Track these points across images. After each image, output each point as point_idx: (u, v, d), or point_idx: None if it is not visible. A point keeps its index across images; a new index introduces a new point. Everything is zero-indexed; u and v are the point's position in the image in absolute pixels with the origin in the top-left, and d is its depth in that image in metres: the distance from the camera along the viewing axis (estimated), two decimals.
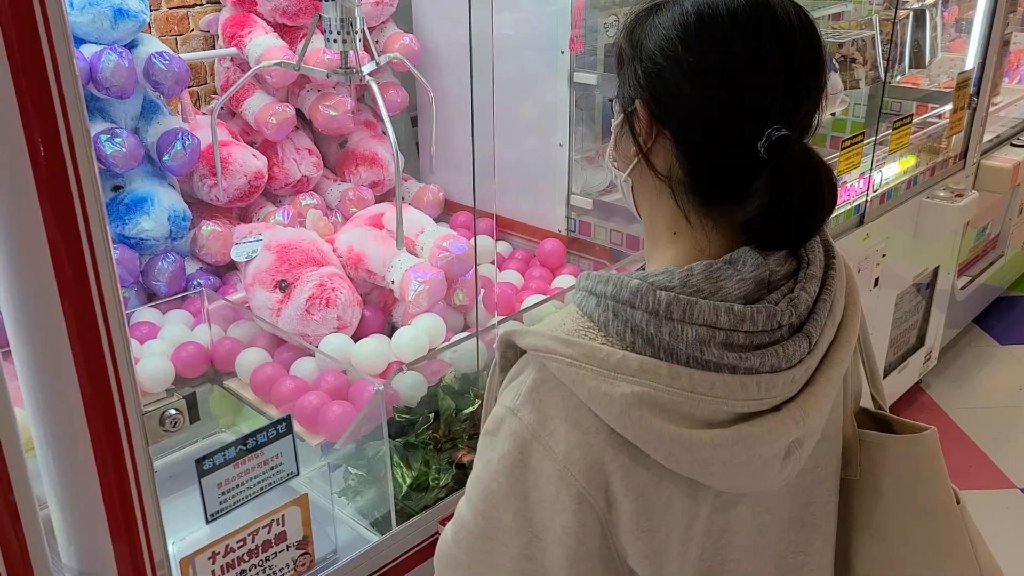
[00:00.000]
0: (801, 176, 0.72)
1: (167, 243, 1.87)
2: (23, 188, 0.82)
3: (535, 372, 0.77)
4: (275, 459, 1.12)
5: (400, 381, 1.42)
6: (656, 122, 0.77)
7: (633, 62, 0.78)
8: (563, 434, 0.74)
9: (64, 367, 0.88)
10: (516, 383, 0.78)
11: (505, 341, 0.81)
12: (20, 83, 0.79)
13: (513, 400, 0.77)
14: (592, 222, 2.15)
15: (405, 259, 1.83)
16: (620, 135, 0.82)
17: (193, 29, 2.20)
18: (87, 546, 0.97)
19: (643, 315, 0.72)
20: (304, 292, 1.70)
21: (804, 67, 0.75)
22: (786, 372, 0.74)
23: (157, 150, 1.86)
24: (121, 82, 1.72)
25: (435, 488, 1.43)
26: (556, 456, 0.74)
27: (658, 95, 0.76)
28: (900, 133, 2.56)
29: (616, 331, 0.74)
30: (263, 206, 2.16)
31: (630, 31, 0.80)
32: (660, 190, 0.79)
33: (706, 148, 0.76)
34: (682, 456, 0.72)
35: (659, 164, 0.78)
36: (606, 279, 0.76)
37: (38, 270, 0.85)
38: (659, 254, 0.81)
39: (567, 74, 2.04)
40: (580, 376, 0.72)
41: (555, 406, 0.75)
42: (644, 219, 0.85)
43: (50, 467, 0.94)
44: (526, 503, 0.75)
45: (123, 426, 0.93)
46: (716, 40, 0.74)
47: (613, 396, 0.71)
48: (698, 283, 0.73)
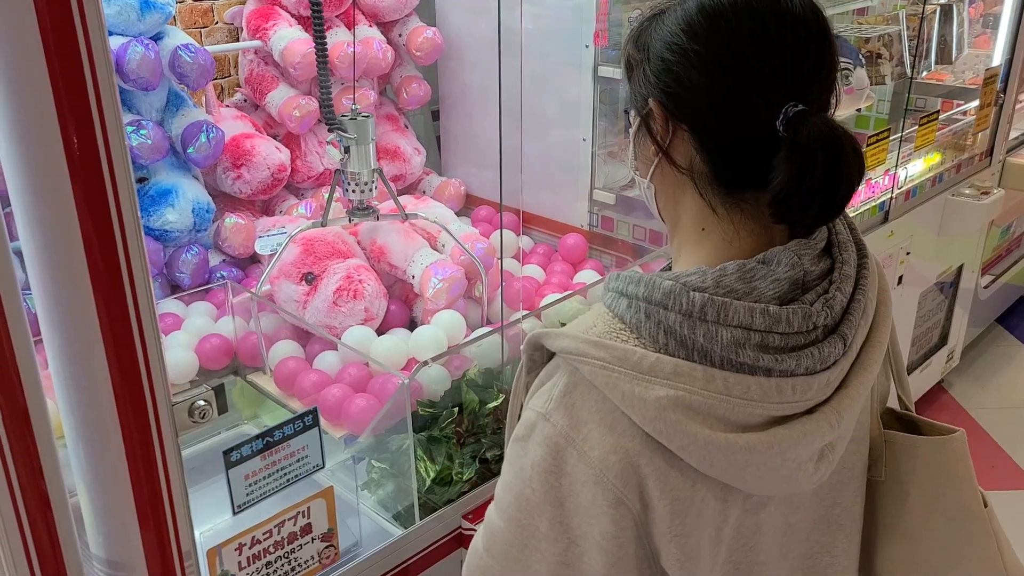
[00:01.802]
0: (822, 145, 0.70)
1: (191, 235, 1.88)
2: (57, 179, 0.82)
3: (567, 376, 0.76)
4: (301, 451, 1.12)
5: (424, 375, 1.42)
6: (671, 117, 0.76)
7: (642, 64, 0.78)
8: (597, 438, 0.73)
9: (95, 357, 0.89)
10: (547, 387, 0.77)
11: (533, 343, 0.80)
12: (55, 74, 0.79)
13: (545, 405, 0.76)
14: (615, 217, 2.14)
15: (427, 255, 1.82)
16: (639, 139, 0.81)
17: (217, 21, 2.21)
18: (115, 536, 0.97)
19: (676, 317, 0.72)
20: (331, 284, 1.70)
21: (811, 44, 0.75)
22: (821, 374, 0.73)
23: (182, 142, 1.87)
24: (147, 74, 1.73)
25: (458, 482, 1.43)
26: (591, 461, 0.73)
27: (670, 90, 0.75)
28: (926, 130, 2.53)
29: (649, 333, 0.73)
30: (285, 199, 2.16)
31: (636, 38, 0.80)
32: (683, 186, 0.79)
33: (724, 134, 0.75)
34: (716, 460, 0.71)
35: (679, 159, 0.78)
36: (637, 280, 0.75)
37: (71, 261, 0.85)
38: (688, 253, 0.80)
39: (591, 68, 2.03)
40: (613, 380, 0.72)
41: (588, 410, 0.74)
42: (669, 220, 0.84)
43: (80, 456, 0.94)
44: (562, 509, 0.75)
45: (153, 416, 0.93)
46: (720, 27, 0.73)
47: (647, 400, 0.70)
48: (731, 283, 0.72)
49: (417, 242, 1.86)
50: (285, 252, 1.78)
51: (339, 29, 2.14)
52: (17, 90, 0.79)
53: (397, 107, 2.38)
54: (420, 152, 2.35)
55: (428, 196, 2.39)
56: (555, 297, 1.79)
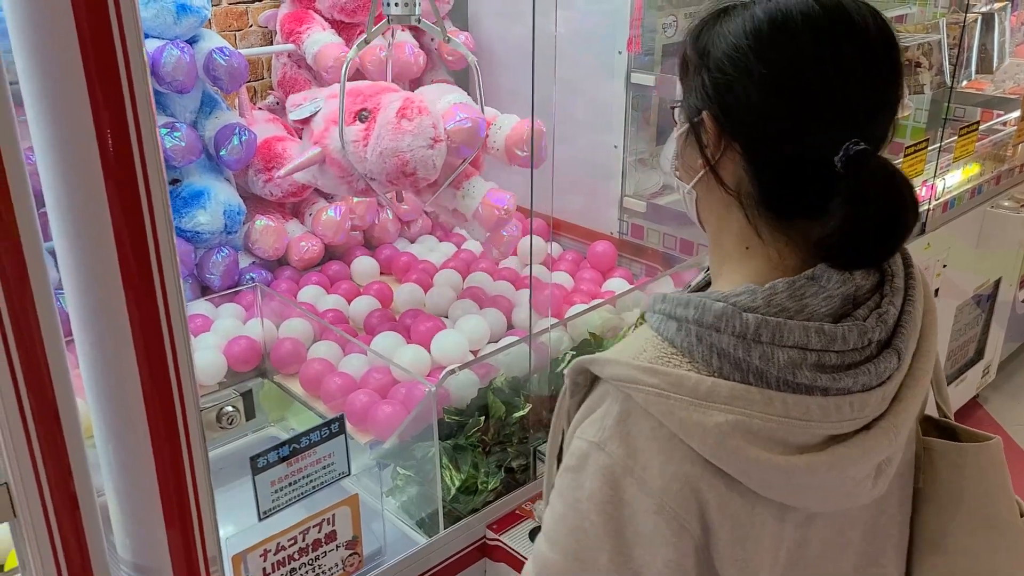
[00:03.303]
0: (883, 195, 0.69)
1: (222, 237, 1.88)
2: (91, 180, 0.82)
3: (619, 404, 0.74)
4: (327, 458, 1.12)
5: (451, 382, 1.41)
6: (725, 134, 0.74)
7: (700, 71, 0.75)
8: (657, 467, 0.71)
9: (126, 359, 0.89)
10: (598, 415, 0.75)
11: (578, 368, 0.78)
12: (91, 76, 0.79)
13: (598, 434, 0.74)
14: (645, 225, 2.12)
15: (456, 97, 1.77)
16: (685, 145, 0.79)
17: (252, 25, 2.22)
18: (142, 539, 0.97)
19: (730, 339, 0.70)
20: (391, 108, 1.60)
21: (882, 76, 0.72)
22: (877, 390, 0.72)
23: (215, 145, 1.88)
24: (182, 77, 1.74)
25: (483, 491, 1.42)
26: (651, 490, 0.71)
27: (727, 107, 0.73)
28: (966, 140, 2.48)
29: (701, 356, 0.72)
30: (315, 201, 2.17)
31: (695, 37, 0.77)
32: (729, 204, 0.77)
33: (778, 162, 0.73)
34: (777, 483, 0.70)
35: (727, 177, 0.76)
36: (686, 302, 0.73)
37: (103, 261, 0.85)
38: (731, 271, 0.79)
39: (624, 74, 2.01)
40: (670, 407, 0.70)
41: (644, 438, 0.72)
42: (711, 233, 0.82)
43: (108, 457, 0.94)
44: (622, 540, 0.73)
45: (181, 420, 0.93)
46: (790, 48, 0.70)
47: (707, 426, 0.69)
48: (782, 302, 0.71)
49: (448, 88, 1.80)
50: (327, 107, 1.66)
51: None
52: (54, 92, 0.80)
53: None
54: None
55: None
56: (583, 307, 1.77)
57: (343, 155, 1.63)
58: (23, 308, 0.81)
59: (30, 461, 0.84)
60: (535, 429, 1.49)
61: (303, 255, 2.04)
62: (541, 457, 1.49)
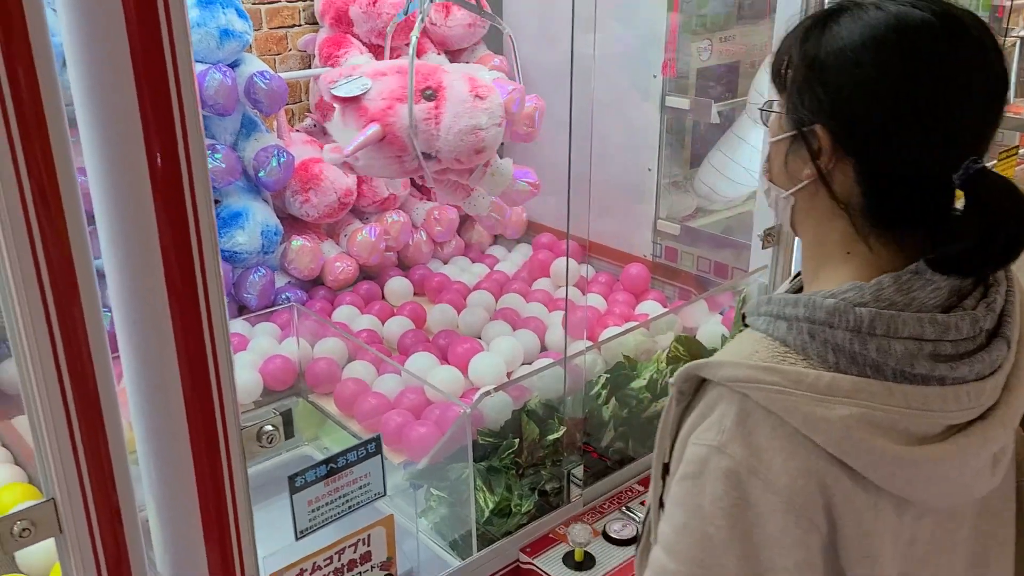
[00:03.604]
0: (1008, 210, 0.69)
1: (259, 257, 1.91)
2: (140, 198, 0.84)
3: (736, 405, 0.73)
4: (364, 478, 1.12)
5: (485, 404, 1.41)
6: (838, 148, 0.74)
7: (812, 83, 0.74)
8: (781, 464, 0.71)
9: (170, 376, 0.90)
10: (714, 419, 0.75)
11: (686, 375, 0.78)
12: (144, 99, 0.81)
13: (716, 437, 0.73)
14: (679, 248, 2.12)
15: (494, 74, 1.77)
16: (790, 153, 0.79)
17: (291, 49, 2.26)
18: (182, 555, 0.98)
19: (844, 334, 0.71)
20: (461, 86, 1.59)
21: (998, 89, 0.72)
22: (990, 379, 0.72)
23: (254, 166, 1.91)
24: (224, 100, 1.77)
25: (516, 514, 1.41)
26: (779, 489, 0.71)
27: (846, 121, 0.73)
28: (1005, 165, 2.45)
29: (816, 353, 0.72)
30: (350, 222, 2.19)
31: (802, 42, 0.76)
32: (834, 213, 0.77)
33: (894, 178, 0.73)
34: (900, 475, 0.70)
35: (836, 188, 0.76)
36: (794, 301, 0.74)
37: (150, 279, 0.87)
38: (831, 273, 0.79)
39: (659, 98, 2.02)
40: (792, 403, 0.70)
41: (766, 437, 0.72)
42: (808, 238, 0.82)
43: (151, 474, 0.95)
44: (750, 543, 0.72)
45: (222, 438, 0.94)
46: (917, 62, 0.70)
47: (831, 420, 0.69)
48: (891, 296, 0.71)
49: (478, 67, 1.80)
50: (381, 84, 1.61)
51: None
52: (107, 114, 0.81)
53: None
54: None
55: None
56: (616, 330, 1.77)
57: (408, 133, 1.59)
58: (73, 324, 0.82)
59: (76, 477, 0.85)
60: (568, 452, 1.48)
61: (338, 275, 2.06)
62: (575, 480, 1.48)
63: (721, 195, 2.19)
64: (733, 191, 2.17)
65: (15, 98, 0.74)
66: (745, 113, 2.10)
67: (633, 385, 1.61)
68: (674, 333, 1.75)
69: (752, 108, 2.04)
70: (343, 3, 2.11)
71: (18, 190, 0.75)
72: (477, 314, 1.97)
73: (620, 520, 1.47)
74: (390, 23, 2.01)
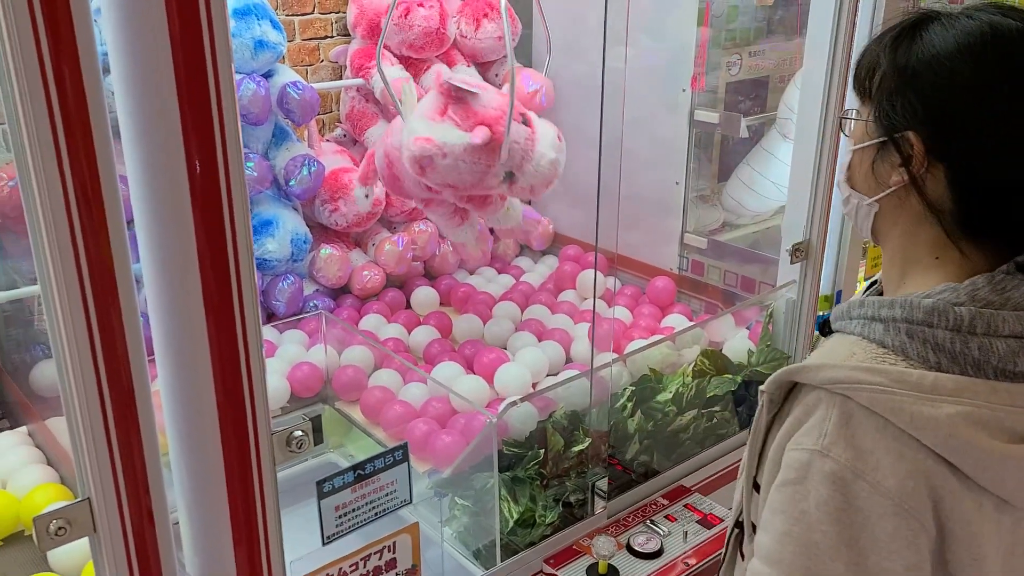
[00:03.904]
0: None
1: (288, 264, 1.93)
2: (178, 205, 0.86)
3: (837, 407, 0.73)
4: (390, 486, 1.13)
5: (511, 414, 1.42)
6: (930, 154, 0.75)
7: (904, 90, 0.75)
8: (889, 466, 0.71)
9: (203, 380, 0.91)
10: (813, 423, 0.74)
11: (778, 381, 0.78)
12: (185, 107, 0.82)
13: (818, 441, 0.73)
14: (705, 262, 2.11)
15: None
16: (877, 159, 0.79)
17: (323, 60, 2.29)
18: (211, 557, 0.99)
19: (945, 333, 0.71)
20: (545, 124, 1.70)
21: None
22: None
23: (284, 175, 1.93)
24: (257, 109, 1.80)
25: (540, 525, 1.41)
26: (887, 490, 0.70)
27: (940, 128, 0.74)
28: None
29: (916, 353, 0.73)
30: (379, 232, 2.21)
31: (892, 51, 0.76)
32: (921, 218, 0.78)
33: (988, 183, 0.74)
34: (1007, 474, 0.70)
35: (928, 194, 0.76)
36: (890, 303, 0.75)
37: (187, 283, 0.88)
38: (918, 277, 0.79)
39: (687, 112, 2.02)
40: (898, 403, 0.70)
41: (871, 438, 0.71)
42: (893, 243, 0.82)
43: (182, 476, 0.96)
44: (857, 548, 0.71)
45: (253, 443, 0.95)
46: (1012, 70, 0.71)
47: (938, 419, 0.69)
48: (986, 296, 0.72)
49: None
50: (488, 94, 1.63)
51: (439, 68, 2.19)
52: (149, 122, 0.83)
53: None
54: None
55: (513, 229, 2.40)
56: (642, 343, 1.77)
57: (506, 148, 1.63)
58: (111, 327, 0.84)
59: (112, 478, 0.87)
60: (593, 464, 1.48)
61: (365, 284, 2.08)
62: (599, 492, 1.48)
63: (749, 209, 2.18)
64: (761, 205, 2.16)
65: (62, 105, 0.75)
66: (774, 128, 2.09)
67: (659, 398, 1.61)
68: (700, 347, 1.75)
69: (782, 123, 2.04)
70: (375, 15, 2.14)
71: (63, 194, 0.77)
72: (503, 325, 1.97)
73: (644, 533, 1.46)
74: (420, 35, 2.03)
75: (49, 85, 0.74)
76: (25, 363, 1.67)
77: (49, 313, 0.81)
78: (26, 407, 1.66)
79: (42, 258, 0.79)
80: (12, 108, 0.74)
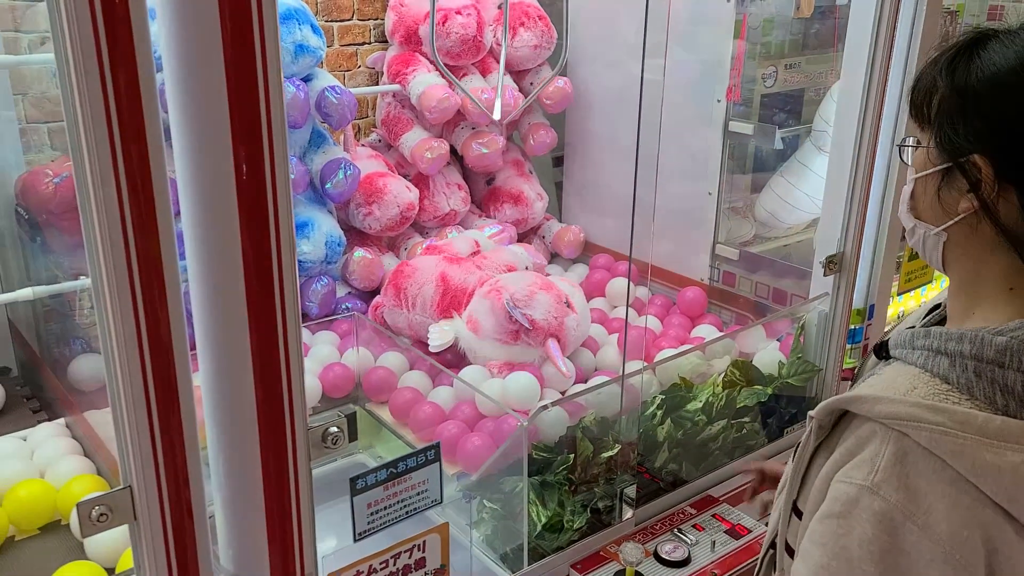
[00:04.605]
0: None
1: (322, 266, 1.96)
2: (225, 205, 0.87)
3: (892, 444, 0.70)
4: (422, 485, 1.14)
5: (541, 418, 1.42)
6: (1000, 176, 0.71)
7: (966, 113, 0.72)
8: (943, 512, 0.67)
9: (243, 375, 0.93)
10: (865, 457, 0.71)
11: (828, 409, 0.75)
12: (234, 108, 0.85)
13: (869, 477, 0.70)
14: (737, 273, 2.11)
15: None
16: (943, 187, 0.76)
17: (360, 65, 2.32)
18: (245, 550, 1.01)
19: (1016, 375, 0.68)
20: (582, 301, 1.85)
21: None
22: None
23: (321, 178, 1.96)
24: (296, 113, 1.83)
25: (568, 530, 1.41)
26: (938, 537, 0.67)
27: (1008, 148, 0.71)
28: None
29: (983, 393, 0.69)
30: (411, 236, 2.23)
31: (950, 72, 0.73)
32: (994, 246, 0.74)
33: None
34: None
35: (1001, 220, 0.73)
36: (959, 336, 0.71)
37: (230, 281, 0.90)
38: (989, 309, 0.76)
39: (722, 123, 2.02)
40: (959, 446, 0.67)
41: (926, 480, 0.68)
42: (962, 275, 0.78)
43: (219, 469, 0.98)
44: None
45: (290, 439, 0.97)
46: None
47: (1002, 467, 0.66)
48: None
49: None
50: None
51: (474, 76, 2.21)
52: (199, 124, 0.85)
53: (523, 152, 2.43)
54: (543, 198, 2.38)
55: (547, 241, 2.42)
56: (672, 352, 1.77)
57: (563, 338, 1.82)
58: (157, 322, 0.86)
59: (153, 467, 0.89)
60: (622, 471, 1.49)
61: None
62: (627, 500, 1.48)
63: (782, 221, 2.18)
64: (794, 218, 2.16)
65: (118, 107, 0.78)
66: (809, 140, 2.09)
67: (689, 407, 1.61)
68: (730, 357, 1.75)
69: (817, 135, 2.03)
70: (413, 22, 2.17)
71: (116, 190, 0.79)
72: None
73: (671, 542, 1.46)
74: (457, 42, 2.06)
75: (107, 87, 0.76)
76: (64, 357, 1.71)
77: (99, 306, 0.83)
78: (64, 400, 1.69)
79: (94, 252, 0.81)
80: (71, 109, 0.76)
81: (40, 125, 1.83)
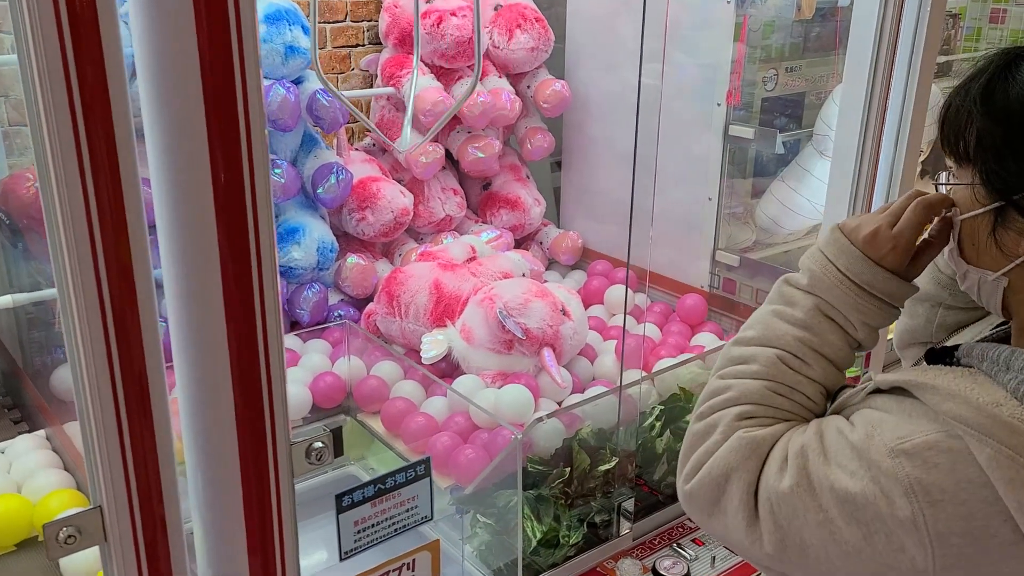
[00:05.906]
0: None
1: (314, 273, 1.91)
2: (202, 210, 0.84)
3: (946, 437, 0.65)
4: (411, 501, 1.10)
5: (537, 430, 1.38)
6: None
7: (1013, 144, 0.67)
8: (946, 517, 0.64)
9: (222, 389, 0.89)
10: (906, 422, 0.68)
11: (893, 383, 0.71)
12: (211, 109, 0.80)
13: (898, 441, 0.66)
14: (738, 279, 2.07)
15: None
16: (998, 228, 0.71)
17: (353, 68, 2.29)
18: (225, 568, 0.96)
19: None
20: (579, 309, 1.82)
21: None
22: None
23: (312, 183, 1.92)
24: (286, 116, 1.79)
25: (564, 546, 1.37)
26: (925, 528, 0.65)
27: None
28: None
29: None
30: (405, 242, 2.19)
31: (984, 102, 0.68)
32: None
33: None
34: None
35: None
36: None
37: (208, 290, 0.86)
38: None
39: (722, 127, 1.98)
40: (1020, 475, 0.62)
41: (954, 484, 0.64)
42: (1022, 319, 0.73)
43: (197, 485, 0.94)
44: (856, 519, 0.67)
45: (271, 454, 0.93)
46: None
47: None
48: None
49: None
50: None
51: (471, 79, 2.17)
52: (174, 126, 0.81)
53: (520, 157, 2.39)
54: (540, 203, 2.35)
55: (545, 246, 2.38)
56: (671, 361, 1.72)
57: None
58: (128, 332, 0.82)
59: (124, 485, 0.84)
60: (620, 484, 1.44)
61: None
62: (625, 513, 1.44)
63: (783, 227, 2.14)
64: (795, 223, 2.12)
65: (85, 106, 0.74)
66: (810, 144, 2.05)
67: (688, 418, 1.57)
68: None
69: (819, 139, 1.99)
70: (407, 24, 2.13)
71: (83, 196, 0.76)
72: None
73: (670, 557, 1.42)
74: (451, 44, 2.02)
75: (72, 85, 0.72)
76: (46, 366, 1.67)
77: (65, 315, 0.79)
78: (45, 410, 1.65)
79: (59, 259, 0.78)
80: (33, 108, 0.73)
81: (22, 128, 1.79)
